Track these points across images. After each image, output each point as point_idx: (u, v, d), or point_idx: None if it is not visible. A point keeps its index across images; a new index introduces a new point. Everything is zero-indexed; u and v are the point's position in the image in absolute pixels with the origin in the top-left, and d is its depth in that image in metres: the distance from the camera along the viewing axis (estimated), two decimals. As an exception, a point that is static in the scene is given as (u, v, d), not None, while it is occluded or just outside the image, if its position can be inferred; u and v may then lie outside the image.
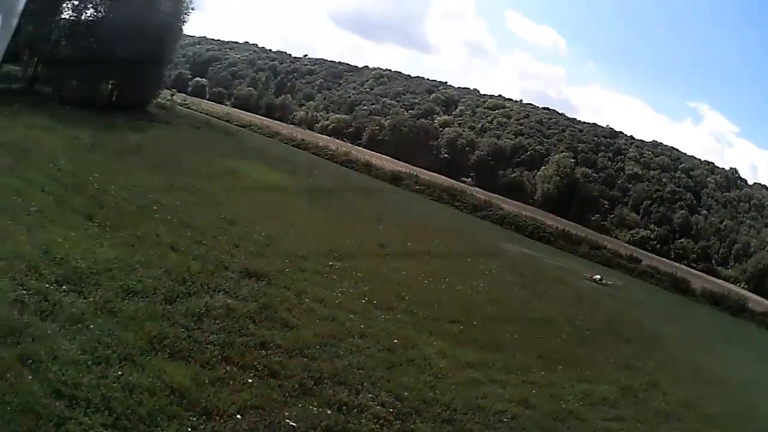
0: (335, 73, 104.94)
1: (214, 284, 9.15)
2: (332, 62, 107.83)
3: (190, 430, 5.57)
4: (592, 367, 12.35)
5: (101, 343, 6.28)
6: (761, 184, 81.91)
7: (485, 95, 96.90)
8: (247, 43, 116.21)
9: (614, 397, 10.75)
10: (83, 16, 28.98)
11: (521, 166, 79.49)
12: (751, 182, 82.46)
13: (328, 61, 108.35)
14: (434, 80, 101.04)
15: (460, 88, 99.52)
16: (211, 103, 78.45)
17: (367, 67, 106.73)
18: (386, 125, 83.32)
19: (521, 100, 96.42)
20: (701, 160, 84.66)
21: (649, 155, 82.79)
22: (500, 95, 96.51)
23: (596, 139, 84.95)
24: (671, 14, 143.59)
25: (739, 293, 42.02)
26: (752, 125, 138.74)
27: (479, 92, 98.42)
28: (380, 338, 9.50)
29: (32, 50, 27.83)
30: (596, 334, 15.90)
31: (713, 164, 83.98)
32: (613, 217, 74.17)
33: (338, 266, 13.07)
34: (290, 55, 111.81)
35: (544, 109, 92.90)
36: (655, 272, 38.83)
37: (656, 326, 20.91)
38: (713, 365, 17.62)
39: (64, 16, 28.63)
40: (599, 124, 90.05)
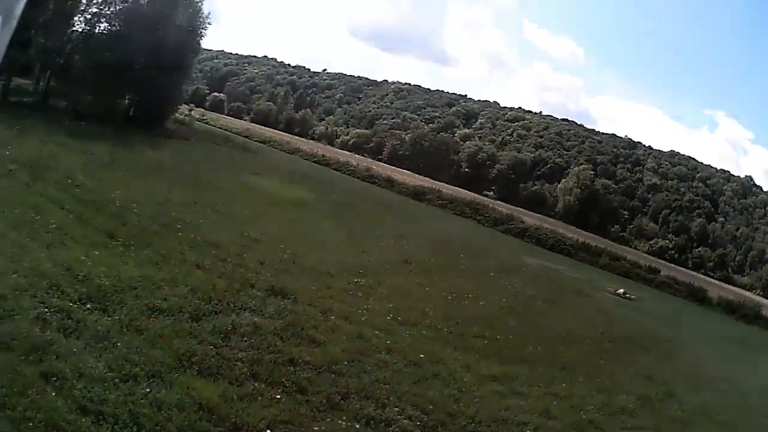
0: (354, 87, 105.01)
1: (240, 302, 9.15)
2: (351, 77, 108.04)
3: (219, 445, 5.51)
4: (611, 377, 12.50)
5: (128, 360, 6.26)
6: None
7: (505, 108, 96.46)
8: (265, 57, 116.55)
9: (632, 406, 10.90)
10: (97, 29, 28.58)
11: (542, 178, 79.02)
12: (766, 188, 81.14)
13: (347, 75, 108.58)
14: (454, 93, 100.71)
15: (479, 100, 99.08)
16: (229, 118, 78.86)
17: (386, 80, 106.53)
18: (407, 139, 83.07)
19: (541, 111, 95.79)
20: (717, 168, 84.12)
21: (666, 165, 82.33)
22: (520, 107, 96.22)
23: (615, 150, 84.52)
24: (687, 22, 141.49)
25: (754, 300, 41.60)
26: (766, 131, 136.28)
27: (499, 105, 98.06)
28: (406, 353, 9.53)
29: (44, 63, 27.42)
30: (616, 344, 15.99)
31: (729, 172, 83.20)
32: (632, 227, 73.58)
33: (363, 283, 13.16)
34: (309, 69, 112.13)
35: (563, 120, 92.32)
36: (673, 282, 38.73)
37: (673, 335, 20.83)
38: (729, 373, 17.38)
39: (76, 28, 28.18)
40: (618, 134, 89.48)
